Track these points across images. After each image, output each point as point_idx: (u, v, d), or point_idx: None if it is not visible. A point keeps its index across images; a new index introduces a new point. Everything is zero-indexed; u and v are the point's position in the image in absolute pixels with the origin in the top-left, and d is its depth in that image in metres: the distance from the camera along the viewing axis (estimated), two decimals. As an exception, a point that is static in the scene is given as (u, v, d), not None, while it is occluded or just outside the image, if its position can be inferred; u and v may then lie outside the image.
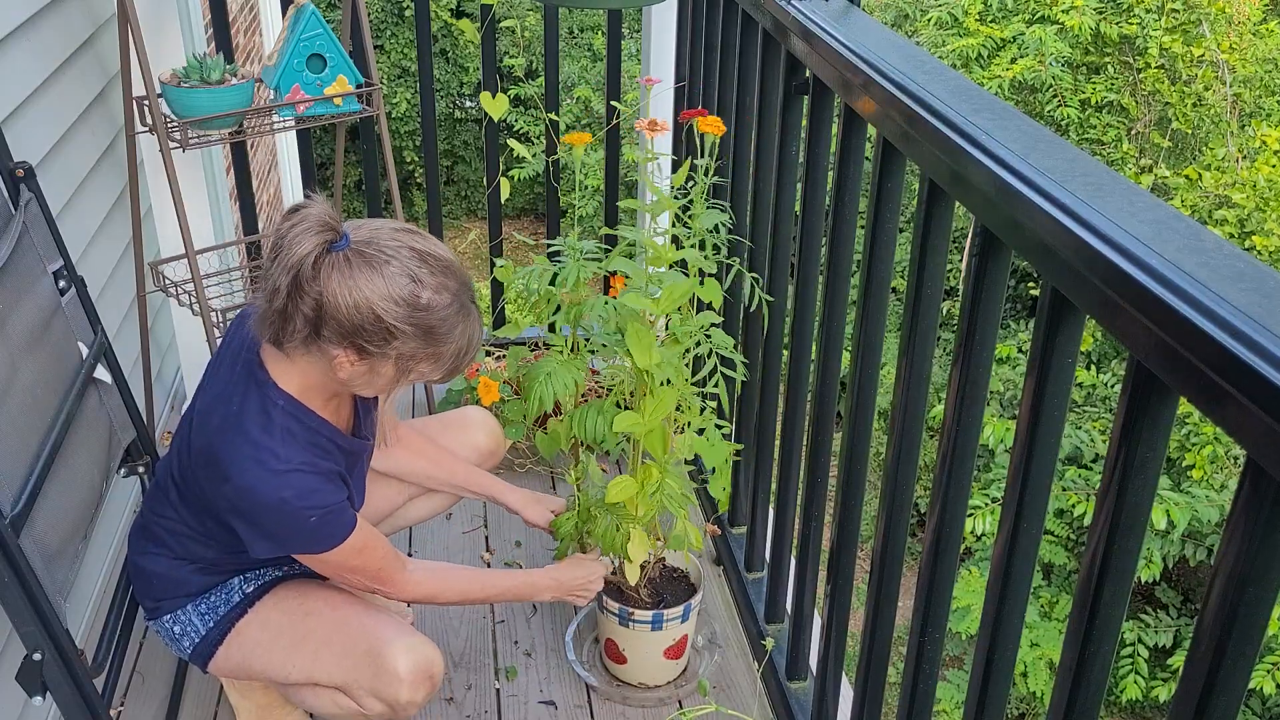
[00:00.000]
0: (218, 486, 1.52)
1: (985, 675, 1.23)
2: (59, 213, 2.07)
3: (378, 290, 1.39)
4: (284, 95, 2.31)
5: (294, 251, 1.38)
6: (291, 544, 1.58)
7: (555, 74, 2.84)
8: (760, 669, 2.06)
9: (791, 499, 1.97)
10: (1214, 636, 0.85)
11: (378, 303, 1.39)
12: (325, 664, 1.67)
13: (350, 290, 1.39)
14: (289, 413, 1.52)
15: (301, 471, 1.52)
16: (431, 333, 1.44)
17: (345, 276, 1.39)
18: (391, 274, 1.40)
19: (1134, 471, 0.96)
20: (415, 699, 1.65)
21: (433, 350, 1.46)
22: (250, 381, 1.53)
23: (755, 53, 1.94)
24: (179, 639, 1.73)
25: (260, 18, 5.33)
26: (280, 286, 1.40)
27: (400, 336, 1.42)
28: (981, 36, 6.87)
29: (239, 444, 1.50)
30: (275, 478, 1.49)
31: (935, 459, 1.31)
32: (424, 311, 1.42)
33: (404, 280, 1.41)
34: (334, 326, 1.41)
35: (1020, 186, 1.05)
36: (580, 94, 8.53)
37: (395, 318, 1.41)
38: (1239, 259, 0.88)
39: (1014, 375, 6.31)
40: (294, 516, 1.52)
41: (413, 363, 1.47)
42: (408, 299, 1.41)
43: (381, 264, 1.40)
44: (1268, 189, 6.04)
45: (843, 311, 1.67)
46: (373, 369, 1.47)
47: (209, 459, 1.52)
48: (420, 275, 1.42)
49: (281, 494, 1.50)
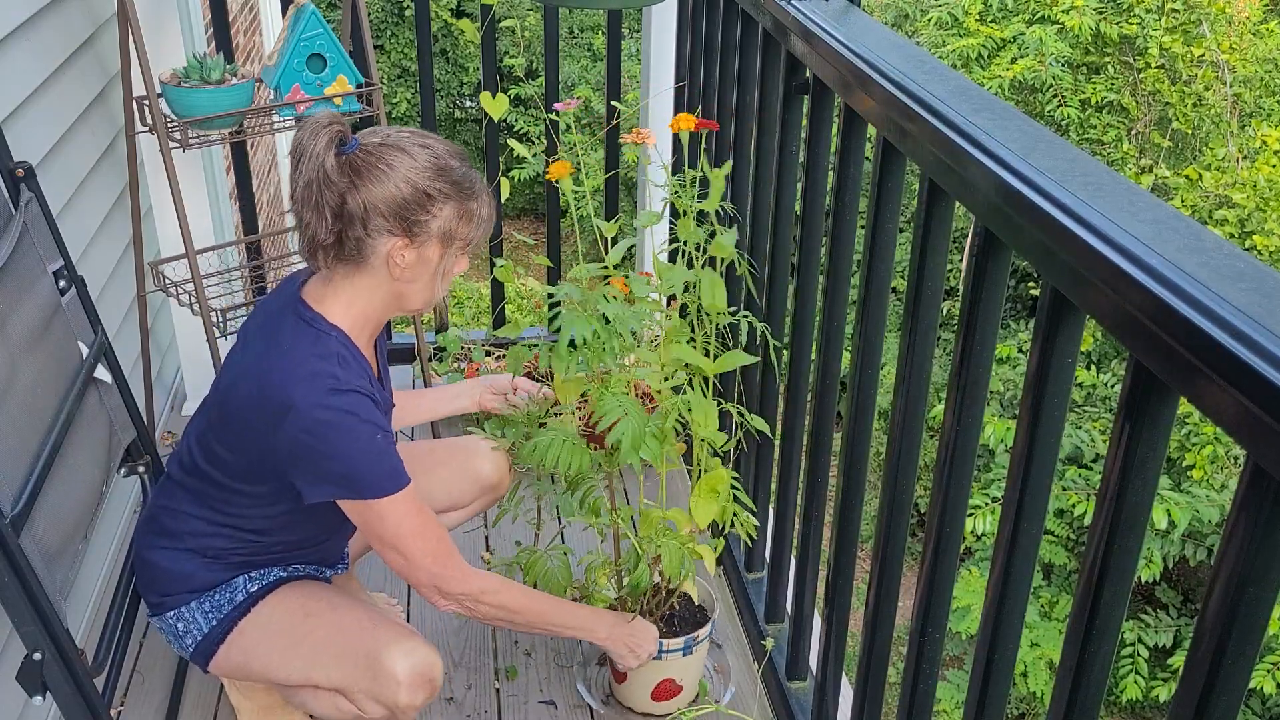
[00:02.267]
0: (278, 424, 1.53)
1: (985, 675, 1.23)
2: (59, 212, 2.07)
3: (405, 164, 1.54)
4: (284, 95, 2.31)
5: (312, 148, 1.50)
6: (361, 473, 1.55)
7: (555, 74, 2.84)
8: (760, 669, 2.06)
9: (791, 499, 1.97)
10: (1214, 636, 0.85)
11: (410, 174, 1.54)
12: (324, 666, 1.67)
13: (383, 174, 1.53)
14: (341, 344, 1.59)
15: (363, 394, 1.56)
16: (461, 188, 1.57)
17: (371, 167, 1.53)
18: (410, 150, 1.55)
19: (1134, 471, 0.96)
20: (414, 702, 1.65)
21: (466, 209, 1.58)
22: (298, 323, 1.60)
23: (755, 53, 1.94)
24: (182, 636, 1.73)
25: (260, 18, 5.33)
26: (315, 191, 1.51)
27: (438, 199, 1.55)
28: (982, 36, 6.88)
29: (298, 374, 1.54)
30: (338, 397, 1.54)
31: (935, 459, 1.31)
32: (448, 170, 1.57)
33: (421, 151, 1.56)
34: (379, 213, 1.53)
35: (1020, 186, 1.05)
36: (580, 94, 8.53)
37: (428, 180, 1.54)
38: (1239, 259, 0.88)
39: (1014, 375, 6.31)
40: (363, 433, 1.55)
41: (454, 231, 1.58)
42: (432, 164, 1.56)
43: (395, 148, 1.55)
44: (1268, 189, 6.04)
45: (843, 311, 1.67)
46: (421, 256, 1.57)
47: (263, 401, 1.54)
48: (430, 145, 1.58)
49: (348, 409, 1.54)
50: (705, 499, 1.74)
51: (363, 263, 1.57)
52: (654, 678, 1.92)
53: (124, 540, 2.38)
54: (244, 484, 1.64)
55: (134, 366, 2.52)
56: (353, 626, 1.68)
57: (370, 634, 1.67)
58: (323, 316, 1.60)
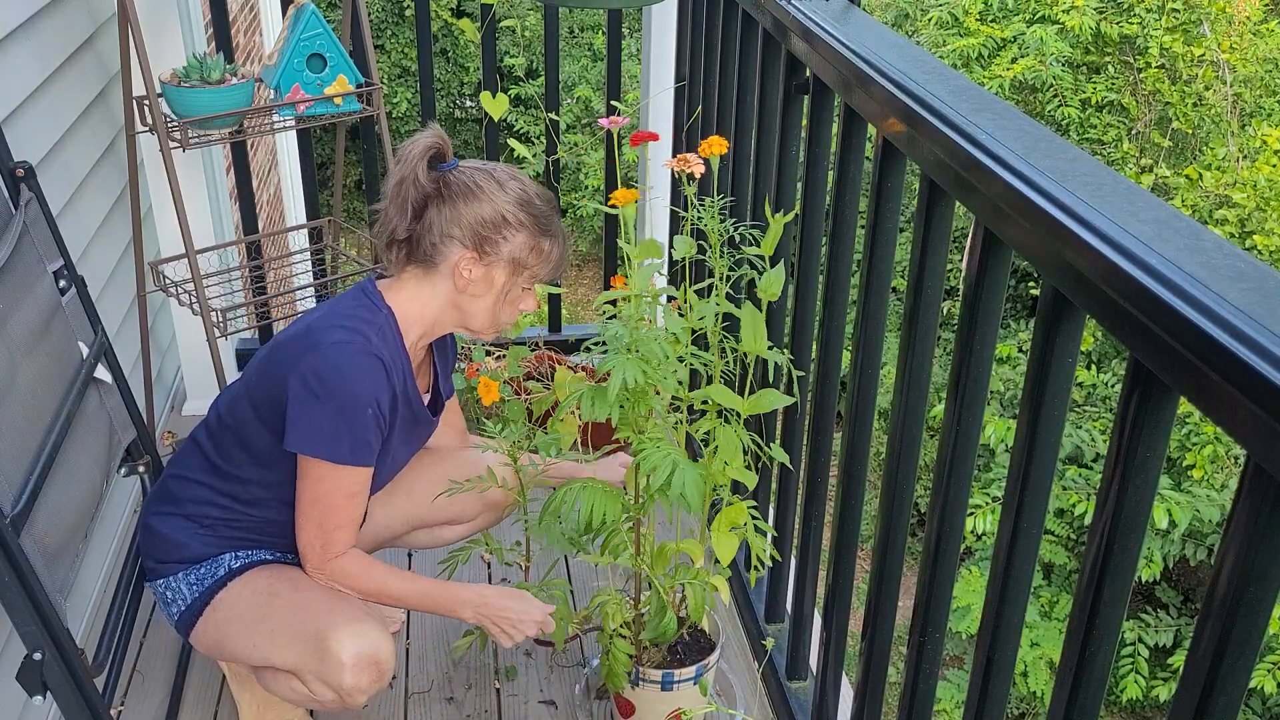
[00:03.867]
0: (301, 356, 1.61)
1: (985, 675, 1.23)
2: (59, 212, 2.07)
3: (492, 189, 1.66)
4: (284, 95, 2.31)
5: (409, 153, 1.63)
6: (334, 428, 1.61)
7: (555, 74, 2.84)
8: (760, 669, 2.06)
9: (791, 499, 1.97)
10: (1214, 636, 0.85)
11: (495, 198, 1.66)
12: (280, 646, 1.68)
13: (470, 192, 1.65)
14: (389, 322, 1.68)
15: (385, 368, 1.63)
16: (538, 223, 1.68)
17: (462, 184, 1.66)
18: (501, 180, 1.68)
19: (1134, 471, 0.96)
20: (359, 684, 1.64)
21: (538, 243, 1.68)
22: (361, 293, 1.70)
23: (755, 52, 1.94)
24: (169, 604, 1.78)
25: (260, 17, 5.33)
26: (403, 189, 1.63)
27: (514, 225, 1.66)
28: (982, 36, 6.87)
29: (338, 323, 1.64)
30: (364, 356, 1.61)
31: (935, 459, 1.31)
32: (530, 204, 1.68)
33: (512, 183, 1.69)
34: (457, 224, 1.64)
35: (1021, 186, 1.05)
36: (580, 94, 8.53)
37: (509, 207, 1.66)
38: (1239, 259, 0.87)
39: (1014, 375, 6.31)
40: (357, 397, 1.60)
41: (523, 262, 1.68)
42: (518, 195, 1.68)
43: (489, 175, 1.68)
44: (1268, 189, 6.04)
45: (843, 311, 1.67)
46: (488, 275, 1.67)
47: (303, 335, 1.64)
48: (523, 181, 1.71)
49: (367, 368, 1.61)
50: (725, 535, 1.71)
51: (432, 267, 1.67)
52: (664, 709, 1.87)
53: (124, 540, 2.38)
54: (254, 437, 1.70)
55: (134, 366, 2.52)
56: (309, 607, 1.69)
57: (324, 616, 1.67)
58: (382, 296, 1.70)
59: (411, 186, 1.63)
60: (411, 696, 2.06)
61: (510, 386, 2.65)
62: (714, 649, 1.89)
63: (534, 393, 2.62)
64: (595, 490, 1.66)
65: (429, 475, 1.97)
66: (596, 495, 1.65)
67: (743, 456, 1.67)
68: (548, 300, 3.05)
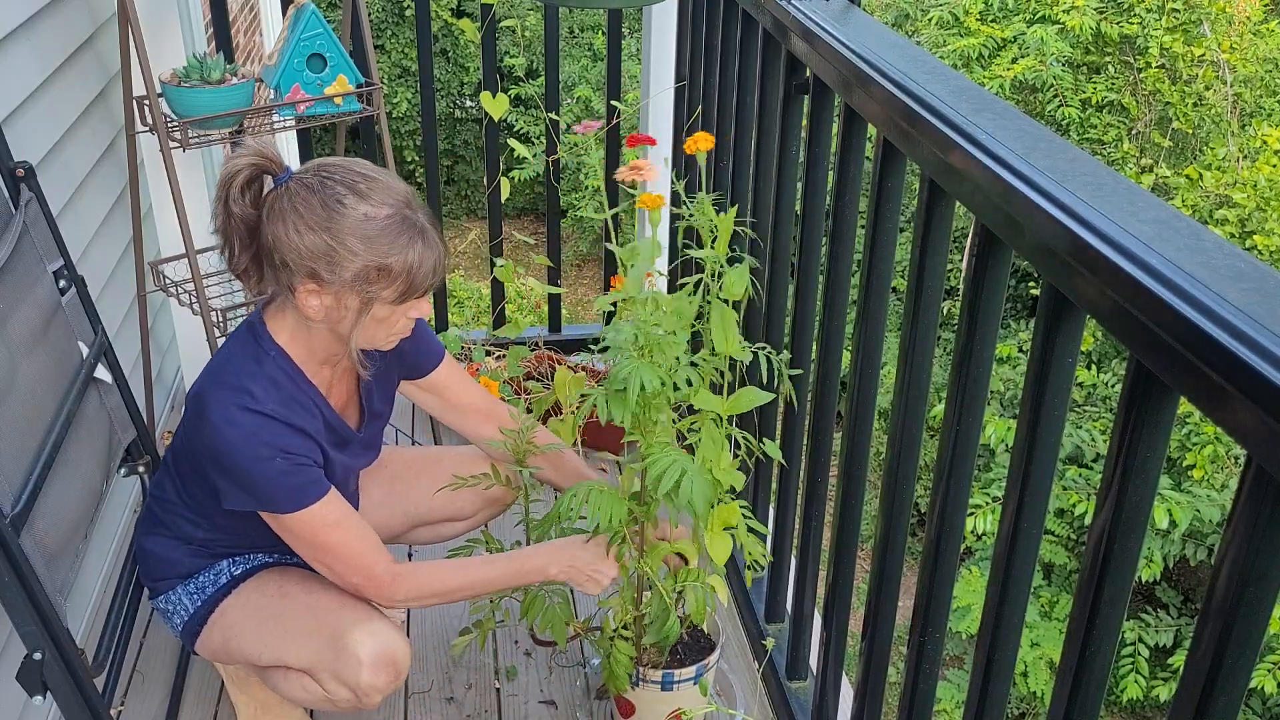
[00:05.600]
0: (199, 430, 1.54)
1: (985, 675, 1.23)
2: (59, 212, 2.07)
3: (318, 216, 1.46)
4: (284, 95, 2.31)
5: (221, 177, 1.50)
6: (259, 490, 1.55)
7: (555, 74, 2.84)
8: (760, 669, 2.06)
9: (791, 499, 1.97)
10: (1214, 636, 0.85)
11: (320, 226, 1.46)
12: (293, 646, 1.67)
13: (292, 213, 1.47)
14: (278, 365, 1.58)
15: (274, 419, 1.55)
16: (373, 243, 1.47)
17: (288, 205, 1.48)
18: (331, 193, 1.47)
19: (1134, 471, 0.96)
20: (376, 683, 1.64)
21: (380, 264, 1.48)
22: (249, 334, 1.60)
23: (755, 52, 1.94)
24: (170, 617, 1.77)
25: (260, 17, 5.33)
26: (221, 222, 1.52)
27: (345, 249, 1.46)
28: (982, 36, 6.87)
29: (223, 385, 1.55)
30: (246, 415, 1.53)
31: (935, 459, 1.31)
32: (363, 222, 1.47)
33: (345, 194, 1.47)
34: (289, 253, 1.48)
35: (1021, 186, 1.05)
36: (580, 94, 8.53)
37: (336, 229, 1.46)
38: (1239, 259, 0.87)
39: (1014, 375, 6.31)
40: (261, 458, 1.53)
41: (370, 285, 1.49)
42: (346, 212, 1.47)
43: (320, 187, 1.48)
44: (1268, 188, 6.04)
45: (843, 311, 1.67)
46: (338, 299, 1.50)
47: (194, 403, 1.56)
48: (359, 189, 1.49)
49: (252, 429, 1.53)
50: (719, 536, 1.70)
51: (290, 295, 1.53)
52: (664, 709, 1.87)
53: (124, 540, 2.38)
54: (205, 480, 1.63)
55: (134, 366, 2.52)
56: (323, 607, 1.69)
57: (338, 614, 1.67)
58: (270, 336, 1.59)
59: (226, 215, 1.52)
60: (411, 696, 2.06)
61: (510, 386, 2.65)
62: (714, 649, 1.89)
63: (534, 393, 2.62)
64: (602, 494, 1.65)
65: (429, 472, 1.97)
66: (604, 499, 1.64)
67: (730, 455, 1.67)
68: (548, 300, 3.05)
